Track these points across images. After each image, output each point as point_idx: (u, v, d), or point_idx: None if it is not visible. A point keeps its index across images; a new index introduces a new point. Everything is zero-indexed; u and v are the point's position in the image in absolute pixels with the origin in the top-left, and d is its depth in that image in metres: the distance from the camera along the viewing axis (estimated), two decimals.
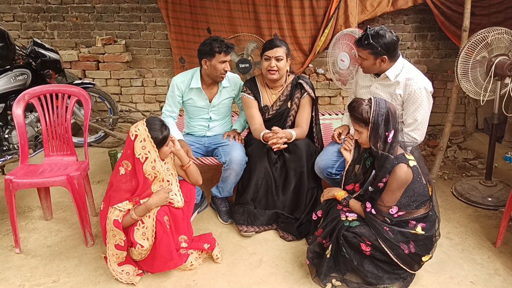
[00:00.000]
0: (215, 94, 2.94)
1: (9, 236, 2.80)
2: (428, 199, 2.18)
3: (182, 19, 4.76)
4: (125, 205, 2.26)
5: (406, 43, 4.89)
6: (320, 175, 2.74)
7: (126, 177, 2.28)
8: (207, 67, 2.80)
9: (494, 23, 3.91)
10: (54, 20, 5.13)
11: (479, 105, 4.49)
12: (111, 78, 5.11)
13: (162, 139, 2.28)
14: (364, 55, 2.51)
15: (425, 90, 2.49)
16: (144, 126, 2.25)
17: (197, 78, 2.89)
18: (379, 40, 2.42)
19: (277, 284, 2.32)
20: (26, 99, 2.85)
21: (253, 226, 2.76)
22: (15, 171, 2.68)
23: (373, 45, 2.43)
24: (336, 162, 2.67)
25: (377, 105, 2.12)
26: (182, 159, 2.50)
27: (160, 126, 2.29)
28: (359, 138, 2.23)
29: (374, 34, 2.43)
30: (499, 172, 3.66)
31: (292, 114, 2.91)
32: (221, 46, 2.72)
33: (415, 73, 2.53)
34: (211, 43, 2.73)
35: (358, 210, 2.26)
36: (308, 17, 4.63)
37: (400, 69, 2.53)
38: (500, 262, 2.46)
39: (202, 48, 2.78)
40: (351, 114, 2.21)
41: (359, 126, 2.19)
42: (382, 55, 2.46)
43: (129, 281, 2.31)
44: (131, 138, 2.24)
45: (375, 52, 2.45)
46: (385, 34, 2.43)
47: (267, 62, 2.76)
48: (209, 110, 2.95)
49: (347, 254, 2.17)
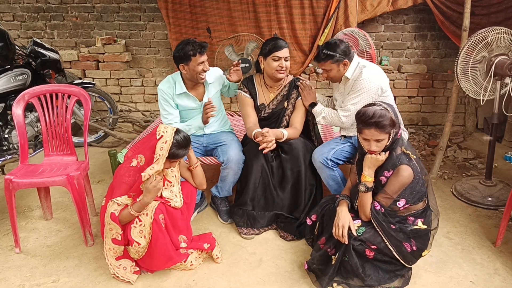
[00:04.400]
0: (203, 93, 2.94)
1: (9, 236, 2.80)
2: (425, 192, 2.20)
3: (182, 19, 4.76)
4: (123, 200, 2.26)
5: (406, 42, 4.89)
6: (315, 163, 2.74)
7: (134, 170, 2.29)
8: (185, 71, 2.77)
9: (494, 22, 3.91)
10: (54, 20, 5.14)
11: (479, 105, 4.49)
12: (111, 78, 5.11)
13: (176, 154, 2.29)
14: (328, 67, 2.68)
15: (374, 83, 2.60)
16: (172, 131, 2.27)
17: (180, 83, 2.86)
18: (335, 48, 2.63)
19: (277, 284, 2.32)
20: (26, 99, 2.84)
21: (253, 229, 2.77)
22: (15, 171, 2.67)
23: (331, 55, 2.63)
24: (332, 149, 2.73)
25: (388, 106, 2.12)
26: (191, 160, 2.52)
27: (184, 143, 2.30)
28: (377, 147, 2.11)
29: (326, 47, 2.65)
30: (499, 171, 3.66)
31: (288, 114, 2.92)
32: (194, 48, 2.68)
33: (367, 69, 2.65)
34: (184, 48, 2.69)
35: (365, 205, 2.17)
36: (308, 16, 4.63)
37: (355, 67, 2.69)
38: (500, 262, 2.46)
39: (176, 54, 2.74)
40: (376, 125, 2.04)
41: (385, 134, 2.07)
42: (343, 60, 2.64)
43: (126, 278, 2.31)
44: (156, 137, 2.26)
45: (336, 60, 2.63)
46: (335, 42, 2.66)
47: (276, 63, 2.77)
48: (201, 109, 2.94)
49: (352, 262, 2.16)
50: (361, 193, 2.18)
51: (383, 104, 2.13)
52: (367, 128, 2.07)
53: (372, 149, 2.11)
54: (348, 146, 2.77)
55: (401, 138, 2.18)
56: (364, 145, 2.15)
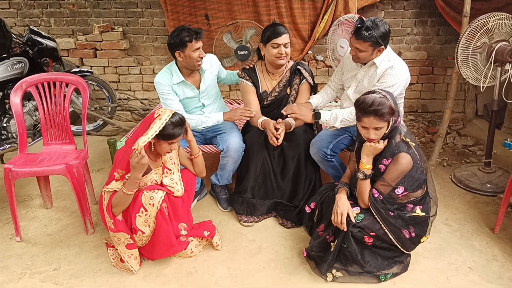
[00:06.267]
0: (200, 80, 2.90)
1: (9, 224, 2.81)
2: (424, 180, 2.20)
3: (180, 6, 4.71)
4: (113, 185, 2.24)
5: (406, 29, 4.85)
6: (314, 156, 2.74)
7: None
8: (182, 58, 2.73)
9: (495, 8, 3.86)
10: (50, 8, 5.08)
11: (479, 92, 4.48)
12: (109, 66, 5.08)
13: (172, 134, 2.24)
14: (364, 47, 2.46)
15: (402, 77, 2.50)
16: (170, 112, 2.25)
17: (177, 73, 2.82)
18: (378, 31, 2.40)
19: (277, 271, 2.33)
20: (24, 87, 2.83)
21: (252, 217, 2.78)
22: (14, 160, 2.67)
23: (374, 37, 2.39)
24: (330, 143, 2.68)
25: (388, 94, 2.11)
26: (193, 149, 2.52)
27: (180, 122, 2.26)
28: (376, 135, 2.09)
29: (373, 26, 2.40)
30: (498, 158, 3.67)
31: (291, 100, 2.90)
32: (190, 35, 2.64)
33: (398, 62, 2.53)
34: (179, 34, 2.64)
35: (364, 192, 2.18)
36: (307, 3, 4.59)
37: (386, 54, 2.54)
38: (498, 248, 2.48)
39: (172, 41, 2.69)
40: (375, 113, 2.02)
41: (384, 122, 2.05)
42: (380, 45, 2.45)
43: (129, 267, 2.32)
44: (154, 116, 2.25)
45: (374, 43, 2.43)
46: (382, 25, 2.42)
47: (275, 49, 2.73)
48: (199, 97, 2.93)
49: (351, 248, 2.17)
50: (359, 180, 2.18)
51: (383, 92, 2.11)
52: (366, 116, 2.06)
53: (370, 137, 2.09)
54: (345, 138, 2.74)
55: (401, 126, 2.17)
56: (363, 133, 2.13)
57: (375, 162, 2.19)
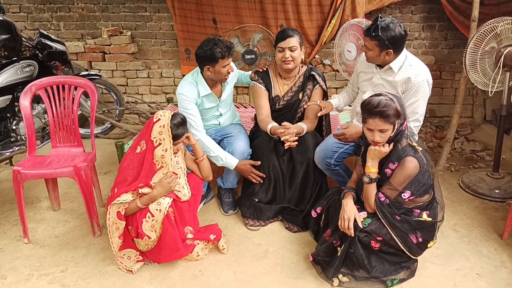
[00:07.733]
0: (221, 90, 2.89)
1: (17, 226, 2.83)
2: (431, 185, 2.19)
3: (188, 10, 4.74)
4: (126, 198, 2.26)
5: (414, 33, 4.84)
6: (319, 165, 2.73)
7: (138, 157, 2.31)
8: (210, 73, 2.66)
9: (504, 12, 3.84)
10: (60, 11, 5.14)
11: (487, 97, 4.44)
12: (117, 70, 5.12)
13: (177, 134, 2.32)
14: (370, 46, 2.46)
15: (427, 83, 2.48)
16: (169, 115, 2.29)
17: (204, 85, 2.75)
18: (387, 33, 2.37)
19: (283, 275, 2.33)
20: (33, 90, 2.86)
21: (259, 221, 2.77)
22: (23, 162, 2.70)
23: (380, 38, 2.38)
24: (335, 153, 2.67)
25: (394, 97, 2.10)
26: (197, 152, 2.53)
27: (182, 122, 2.33)
28: (381, 138, 2.08)
29: (384, 27, 2.37)
30: (506, 164, 3.64)
31: (303, 105, 2.89)
32: (223, 50, 2.55)
33: (418, 65, 2.51)
34: (212, 49, 2.54)
35: (370, 196, 2.17)
36: (314, 7, 4.60)
37: (403, 61, 2.51)
38: (507, 254, 2.45)
39: (202, 54, 2.59)
40: (381, 115, 2.01)
41: (389, 124, 2.04)
42: (388, 48, 2.42)
43: (128, 267, 2.34)
44: (153, 120, 2.28)
45: (381, 44, 2.41)
46: (394, 28, 2.38)
47: (281, 53, 2.72)
48: (218, 107, 2.93)
49: (357, 253, 2.16)
50: (365, 184, 2.18)
51: (389, 94, 2.11)
52: (371, 118, 2.06)
53: (375, 139, 2.08)
54: (350, 147, 2.70)
55: (408, 130, 2.16)
56: (368, 135, 2.13)
57: (381, 166, 2.18)
